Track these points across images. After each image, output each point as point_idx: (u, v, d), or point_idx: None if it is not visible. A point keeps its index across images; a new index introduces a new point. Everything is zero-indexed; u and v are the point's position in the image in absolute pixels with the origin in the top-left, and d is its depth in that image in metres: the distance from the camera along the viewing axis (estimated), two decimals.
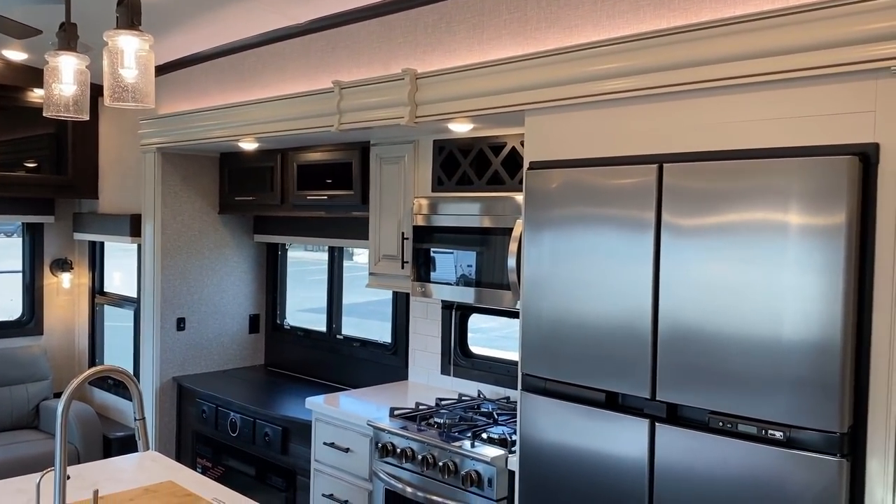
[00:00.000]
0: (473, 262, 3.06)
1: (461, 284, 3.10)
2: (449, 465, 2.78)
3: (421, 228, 3.25)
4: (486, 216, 3.01)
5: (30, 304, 5.11)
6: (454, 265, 3.12)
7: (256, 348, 4.85)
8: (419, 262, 3.26)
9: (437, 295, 3.19)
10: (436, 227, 3.19)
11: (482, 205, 3.02)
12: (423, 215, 3.23)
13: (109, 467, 2.60)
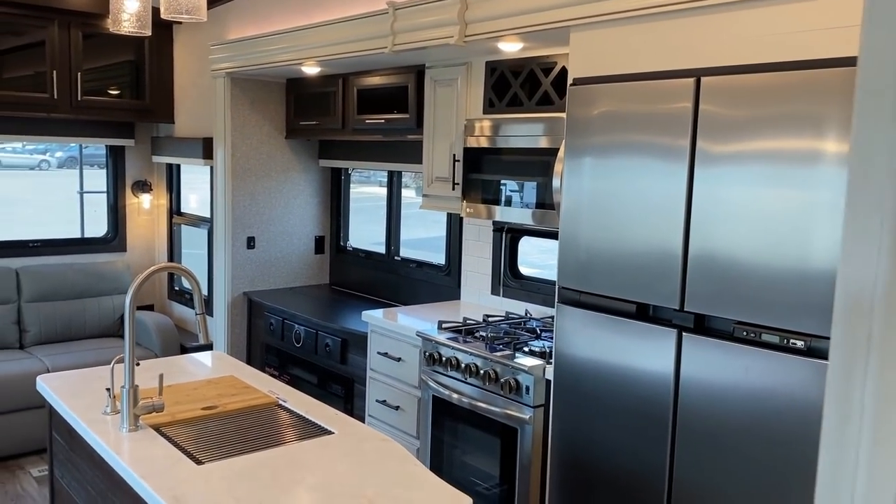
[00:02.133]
0: (521, 183, 3.13)
1: (509, 205, 3.18)
2: (490, 374, 2.92)
3: (472, 150, 3.32)
4: (533, 137, 3.05)
5: (114, 222, 5.48)
6: (503, 186, 3.20)
7: (321, 268, 5.08)
8: (469, 184, 3.34)
9: (485, 215, 3.29)
10: (485, 148, 3.26)
11: (530, 125, 3.06)
12: (474, 136, 3.30)
13: (178, 362, 2.85)
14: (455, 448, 3.14)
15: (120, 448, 1.98)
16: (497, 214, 3.22)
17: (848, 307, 0.65)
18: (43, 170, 9.90)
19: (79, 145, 5.79)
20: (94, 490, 2.21)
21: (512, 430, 2.86)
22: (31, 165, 10.31)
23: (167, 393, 2.44)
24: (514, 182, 3.14)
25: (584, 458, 2.52)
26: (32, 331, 4.76)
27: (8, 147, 10.92)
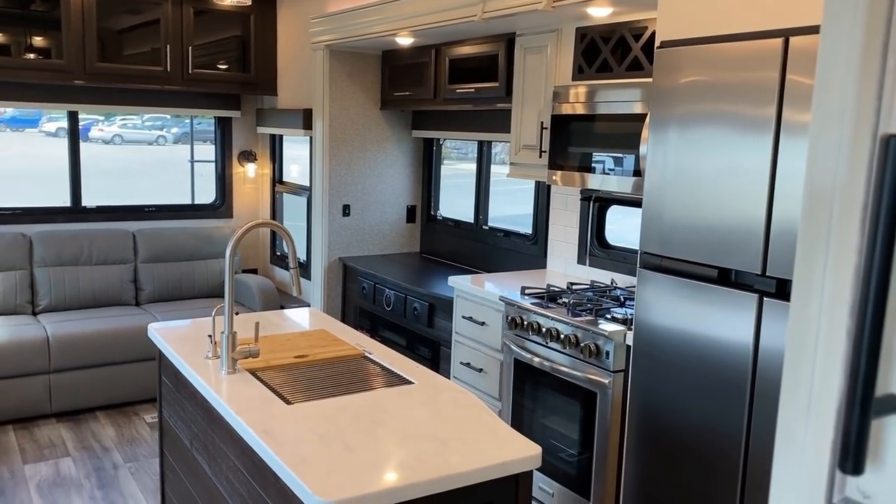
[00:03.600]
0: (608, 150, 3.12)
1: (603, 173, 3.18)
2: (571, 338, 2.96)
3: (561, 117, 3.33)
4: (629, 102, 3.04)
5: (221, 190, 5.80)
6: (596, 154, 3.20)
7: (412, 236, 5.22)
8: (557, 152, 3.36)
9: (578, 183, 3.30)
10: (576, 115, 3.27)
11: (626, 91, 3.04)
12: (569, 103, 3.31)
13: (274, 316, 3.04)
14: (535, 410, 3.21)
15: (219, 388, 2.16)
16: (590, 182, 3.21)
17: (813, 200, 0.69)
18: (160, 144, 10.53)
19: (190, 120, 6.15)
20: (196, 427, 2.41)
21: (591, 394, 2.90)
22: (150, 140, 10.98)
23: (263, 342, 2.62)
24: (609, 149, 3.13)
25: (661, 423, 2.53)
26: (147, 289, 5.13)
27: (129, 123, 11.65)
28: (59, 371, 4.32)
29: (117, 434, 4.19)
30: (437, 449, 1.77)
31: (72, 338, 4.34)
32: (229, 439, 2.11)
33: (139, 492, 3.54)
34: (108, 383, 4.47)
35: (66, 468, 3.75)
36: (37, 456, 3.88)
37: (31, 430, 4.19)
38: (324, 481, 1.58)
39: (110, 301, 4.99)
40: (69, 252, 4.89)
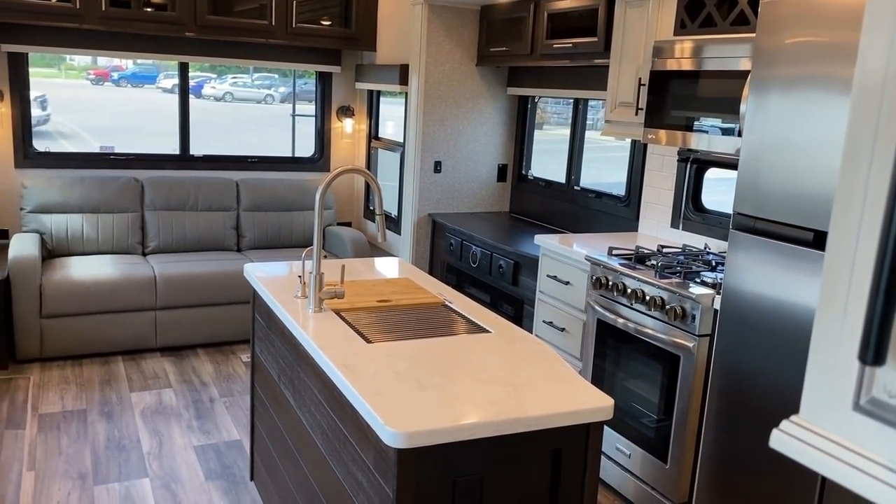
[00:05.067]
0: (708, 108, 3.00)
1: (694, 131, 3.07)
2: (657, 300, 2.91)
3: (659, 74, 3.23)
4: (729, 59, 2.91)
5: (320, 144, 5.95)
6: (692, 111, 3.09)
7: (502, 196, 5.21)
8: (653, 109, 3.26)
9: (671, 142, 3.20)
10: (674, 71, 3.16)
11: (735, 46, 2.91)
12: (674, 59, 3.20)
13: (362, 263, 3.12)
14: (616, 372, 3.18)
15: (305, 325, 2.25)
16: (691, 142, 3.09)
17: (862, 96, 0.65)
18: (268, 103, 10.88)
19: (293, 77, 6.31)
20: (283, 362, 2.53)
21: (674, 357, 2.84)
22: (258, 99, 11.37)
23: (349, 287, 2.70)
24: (714, 107, 3.01)
25: (745, 389, 2.46)
26: (248, 236, 5.36)
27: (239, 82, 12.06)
28: (165, 308, 4.60)
29: (215, 370, 4.43)
30: (509, 393, 1.79)
31: (177, 278, 4.60)
32: (313, 374, 2.20)
33: (232, 424, 3.75)
34: (208, 323, 4.72)
35: (167, 398, 4.02)
36: (142, 385, 4.17)
37: (138, 362, 4.49)
38: (396, 414, 1.64)
39: (213, 246, 5.24)
40: (177, 197, 5.15)
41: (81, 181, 4.91)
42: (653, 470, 2.96)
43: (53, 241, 4.76)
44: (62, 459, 3.31)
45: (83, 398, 3.95)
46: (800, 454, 0.70)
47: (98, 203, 4.90)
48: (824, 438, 0.69)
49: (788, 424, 0.74)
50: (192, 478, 3.22)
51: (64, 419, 3.70)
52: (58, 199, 4.79)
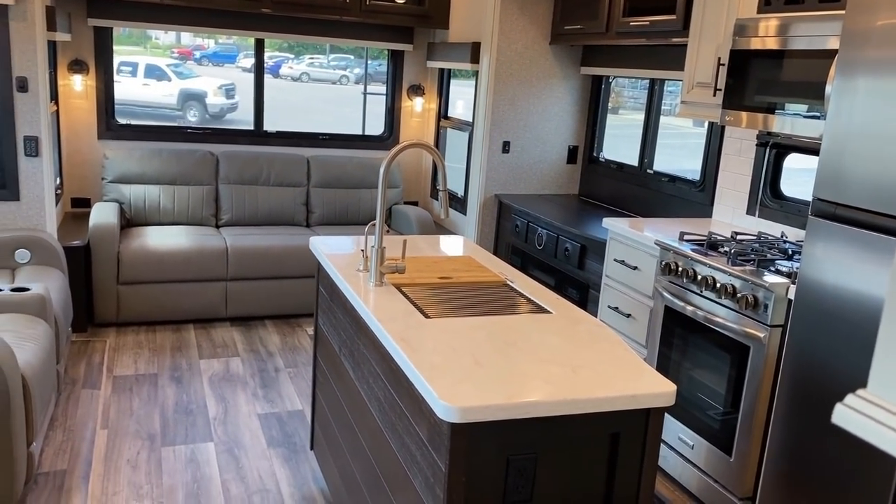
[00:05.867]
0: (792, 90, 2.86)
1: (775, 113, 2.93)
2: (728, 288, 2.80)
3: (741, 53, 3.09)
4: (813, 38, 2.76)
5: (390, 123, 5.97)
6: (775, 93, 2.95)
7: (571, 178, 5.12)
8: (733, 90, 3.13)
9: (747, 124, 3.07)
10: (757, 50, 3.02)
11: (810, 25, 2.76)
12: (758, 38, 3.06)
13: (424, 239, 3.11)
14: (682, 361, 3.09)
15: (366, 298, 2.26)
16: (773, 124, 2.95)
17: None
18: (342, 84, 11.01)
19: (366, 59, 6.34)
20: (344, 334, 2.55)
21: (744, 347, 2.74)
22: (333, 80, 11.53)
23: (410, 263, 2.70)
24: (799, 88, 2.87)
25: (818, 383, 2.35)
26: (317, 212, 5.43)
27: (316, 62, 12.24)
28: (235, 280, 4.71)
29: (281, 341, 4.53)
30: (567, 374, 1.75)
31: (248, 251, 4.71)
32: (371, 346, 2.21)
33: (295, 394, 3.82)
34: (276, 295, 4.82)
35: (234, 366, 4.12)
36: (211, 353, 4.29)
37: (208, 331, 4.63)
38: (451, 389, 1.62)
39: (283, 221, 5.34)
40: (250, 172, 5.26)
41: (159, 153, 5.06)
42: (717, 462, 2.87)
43: (132, 210, 4.93)
44: (133, 420, 3.44)
45: (155, 363, 4.09)
46: (864, 430, 0.65)
47: (175, 175, 5.05)
48: (893, 414, 0.63)
49: (854, 399, 0.68)
50: (255, 444, 3.30)
51: (136, 382, 3.84)
52: (137, 170, 4.96)
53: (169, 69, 9.46)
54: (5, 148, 3.92)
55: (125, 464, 3.07)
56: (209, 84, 9.21)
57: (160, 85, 8.85)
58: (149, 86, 6.26)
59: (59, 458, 3.07)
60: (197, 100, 7.70)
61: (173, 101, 8.48)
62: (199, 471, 3.06)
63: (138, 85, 8.71)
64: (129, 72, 6.14)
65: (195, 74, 10.01)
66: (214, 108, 7.45)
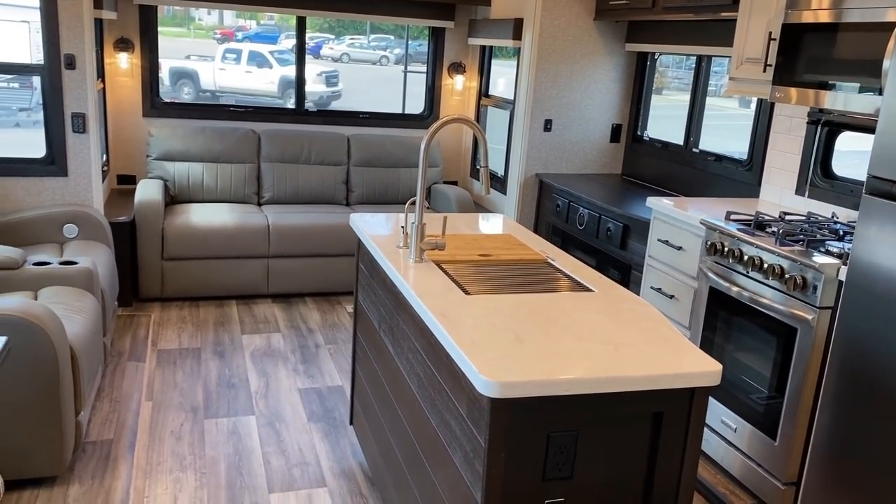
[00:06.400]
0: (846, 64, 2.75)
1: (826, 89, 2.83)
2: (775, 269, 2.73)
3: (792, 27, 2.99)
4: (869, 9, 2.65)
5: (430, 101, 5.93)
6: (823, 67, 2.85)
7: (614, 157, 5.04)
8: (784, 65, 3.03)
9: (797, 100, 2.97)
10: (810, 24, 2.91)
11: None
12: (810, 10, 2.95)
13: (464, 217, 3.10)
14: (726, 343, 3.03)
15: (406, 274, 2.25)
16: (825, 100, 2.85)
17: None
18: (382, 65, 11.01)
19: (406, 38, 6.30)
20: (384, 310, 2.55)
21: (791, 330, 2.67)
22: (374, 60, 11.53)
23: (450, 240, 2.68)
24: (854, 64, 2.76)
25: (868, 368, 2.28)
26: (357, 191, 5.45)
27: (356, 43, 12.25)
28: (277, 257, 4.76)
29: (321, 318, 4.56)
30: (609, 352, 1.73)
31: (289, 228, 4.74)
32: (411, 322, 2.20)
33: (335, 370, 3.86)
34: (317, 273, 4.86)
35: (276, 342, 4.17)
36: (253, 329, 4.34)
37: (250, 307, 4.69)
38: (491, 364, 1.61)
39: (324, 199, 5.36)
40: (291, 150, 5.29)
41: (203, 131, 5.11)
42: (760, 446, 2.82)
43: (176, 187, 5.00)
44: (177, 392, 3.51)
45: (198, 337, 4.16)
46: None
47: (218, 153, 5.10)
48: None
49: None
50: (295, 418, 3.34)
51: (180, 355, 3.91)
52: (180, 147, 5.02)
53: (271, 56, 9.31)
54: (54, 124, 4.00)
55: (169, 435, 3.13)
56: (308, 71, 9.05)
57: (261, 72, 8.73)
58: (251, 73, 6.30)
59: (106, 428, 3.14)
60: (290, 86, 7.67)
61: (274, 89, 8.42)
62: (240, 443, 3.11)
63: (241, 73, 8.56)
64: (233, 59, 6.17)
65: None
66: (314, 95, 7.37)
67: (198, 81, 7.34)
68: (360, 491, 2.84)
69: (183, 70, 7.48)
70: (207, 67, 7.56)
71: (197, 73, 7.30)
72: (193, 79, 7.45)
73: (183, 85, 7.34)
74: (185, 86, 7.29)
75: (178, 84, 7.26)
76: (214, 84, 7.28)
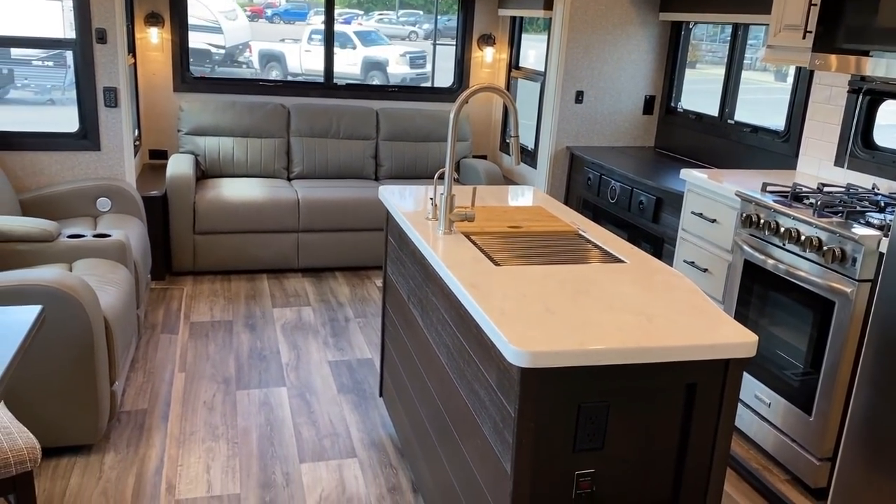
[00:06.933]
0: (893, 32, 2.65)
1: (869, 55, 2.73)
2: (813, 240, 2.66)
3: None
4: None
5: (459, 74, 5.88)
6: (866, 33, 2.75)
7: (647, 129, 4.95)
8: (825, 29, 2.93)
9: (837, 68, 2.88)
10: None
11: None
12: None
13: (495, 190, 3.06)
14: (760, 317, 2.97)
15: (435, 246, 2.24)
16: (867, 67, 2.74)
17: None
18: (412, 40, 10.91)
19: (436, 12, 6.23)
20: (413, 282, 2.54)
21: (829, 303, 2.61)
22: (403, 35, 11.43)
23: (480, 212, 2.66)
24: (887, 31, 2.66)
25: None
26: (385, 165, 5.43)
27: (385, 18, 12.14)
28: (307, 231, 4.77)
29: (351, 292, 4.58)
30: (641, 322, 1.70)
31: (319, 203, 4.75)
32: (440, 293, 2.19)
33: (364, 343, 3.87)
34: (346, 247, 4.87)
35: (306, 315, 4.20)
36: (283, 302, 4.37)
37: (281, 281, 4.72)
38: (521, 334, 1.59)
39: (353, 174, 5.36)
40: (320, 125, 5.28)
41: (233, 106, 5.12)
42: (795, 422, 2.77)
43: (206, 162, 5.03)
44: (209, 364, 3.55)
45: (230, 310, 4.20)
46: None
47: (248, 127, 5.11)
48: None
49: None
50: (326, 390, 3.37)
51: (212, 328, 3.96)
52: (211, 122, 5.04)
53: (355, 36, 9.06)
54: (86, 98, 4.04)
55: (202, 405, 3.17)
56: (391, 52, 8.91)
57: (344, 53, 8.51)
58: (335, 55, 6.21)
59: (140, 398, 3.19)
60: (379, 69, 7.49)
61: (357, 71, 8.30)
62: (272, 413, 3.14)
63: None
64: (318, 41, 6.11)
65: (382, 41, 9.63)
66: (395, 77, 7.21)
67: (285, 64, 7.35)
68: (390, 462, 2.85)
69: (271, 52, 7.48)
70: (294, 49, 7.51)
71: (284, 55, 7.30)
72: (281, 61, 7.48)
73: (271, 68, 7.37)
74: (273, 69, 7.32)
75: (267, 66, 7.27)
76: (301, 66, 7.21)
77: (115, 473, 2.68)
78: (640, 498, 1.73)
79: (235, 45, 7.06)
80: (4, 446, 1.88)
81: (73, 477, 2.64)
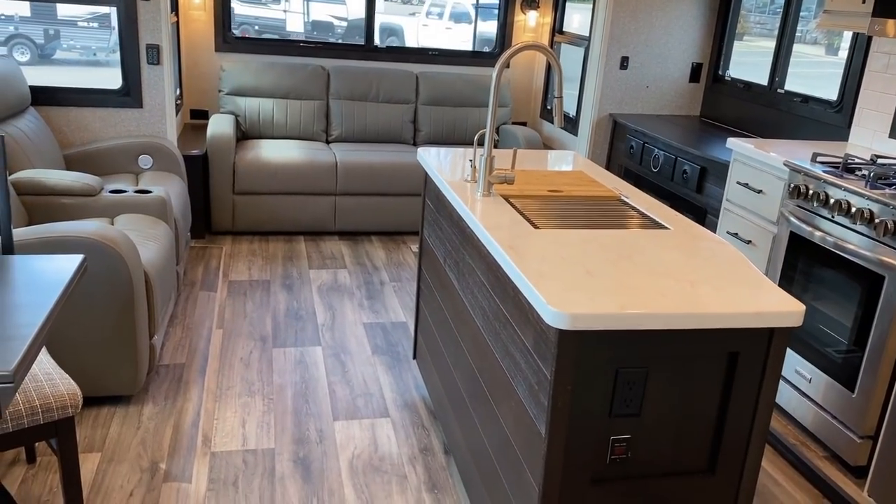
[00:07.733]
0: None
1: None
2: (864, 213, 2.57)
3: None
4: None
5: (501, 38, 5.78)
6: None
7: (693, 98, 4.83)
8: None
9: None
10: None
11: None
12: None
13: (536, 154, 3.01)
14: (805, 290, 2.89)
15: (473, 207, 2.21)
16: None
17: None
18: None
19: None
20: (449, 245, 2.52)
21: (878, 278, 2.53)
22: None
23: (520, 176, 2.62)
24: None
25: None
26: (424, 130, 5.39)
27: None
28: (344, 195, 4.77)
29: (387, 256, 4.58)
30: (684, 288, 1.66)
31: (357, 166, 4.74)
32: (477, 255, 2.17)
33: (399, 306, 3.88)
34: (383, 211, 4.86)
35: (342, 277, 4.21)
36: (320, 264, 4.39)
37: (318, 243, 4.74)
38: (560, 296, 1.56)
39: (391, 138, 5.33)
40: (360, 88, 5.25)
41: (273, 67, 5.11)
42: (837, 398, 2.71)
43: (246, 122, 5.05)
44: (246, 322, 3.59)
45: (267, 270, 4.24)
46: None
47: (287, 89, 5.10)
48: None
49: None
50: (360, 351, 3.38)
51: (250, 287, 4.00)
52: (251, 83, 5.04)
53: (472, 9, 8.92)
54: (129, 56, 4.06)
55: (238, 362, 3.21)
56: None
57: (459, 27, 8.40)
58: (451, 29, 6.07)
59: (179, 353, 3.25)
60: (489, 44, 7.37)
61: (468, 47, 8.26)
62: (307, 372, 3.17)
63: (442, 29, 8.19)
64: (437, 14, 6.02)
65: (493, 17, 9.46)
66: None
67: (402, 38, 7.30)
68: (423, 423, 2.87)
69: (390, 26, 7.44)
70: (412, 23, 7.43)
71: (402, 28, 7.24)
72: (398, 35, 7.43)
73: (389, 43, 7.38)
74: (390, 43, 7.34)
75: (387, 41, 7.24)
76: (417, 41, 7.13)
77: (153, 424, 2.73)
78: (676, 467, 1.70)
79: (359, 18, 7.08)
80: (47, 391, 1.93)
81: (112, 426, 2.70)
